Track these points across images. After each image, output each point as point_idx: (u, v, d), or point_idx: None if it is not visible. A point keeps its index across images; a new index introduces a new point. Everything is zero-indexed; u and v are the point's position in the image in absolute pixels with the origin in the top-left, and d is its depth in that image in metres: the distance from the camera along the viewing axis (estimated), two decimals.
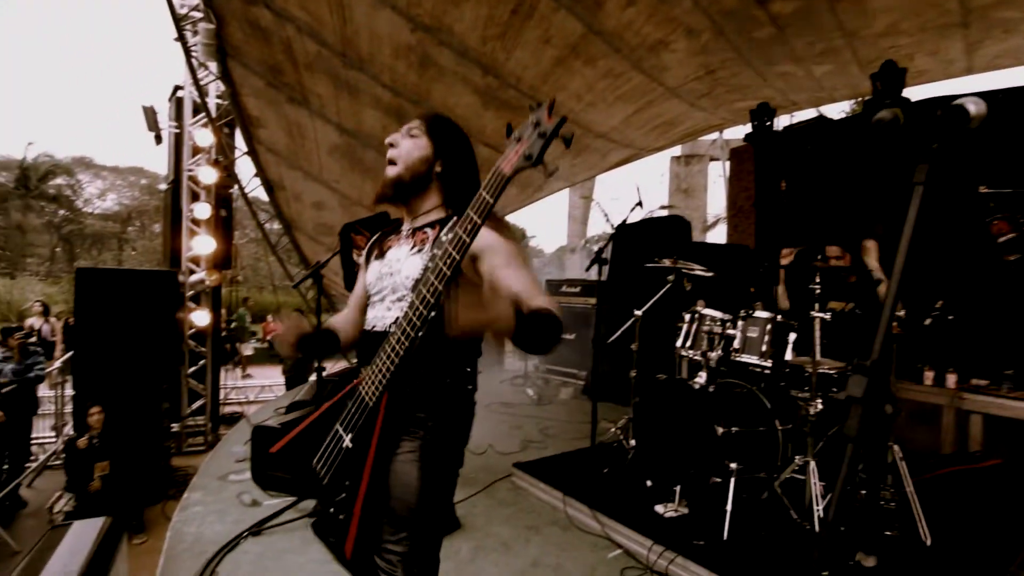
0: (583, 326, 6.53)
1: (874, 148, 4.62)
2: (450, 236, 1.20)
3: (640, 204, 3.56)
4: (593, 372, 5.88)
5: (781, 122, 7.25)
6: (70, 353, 5.47)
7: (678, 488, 2.85)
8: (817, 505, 2.39)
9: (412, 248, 1.44)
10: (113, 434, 4.58)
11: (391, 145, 1.49)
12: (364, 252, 1.64)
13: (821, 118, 5.70)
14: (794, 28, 4.68)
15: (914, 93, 4.91)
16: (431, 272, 1.21)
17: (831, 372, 2.83)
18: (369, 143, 7.04)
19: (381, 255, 1.51)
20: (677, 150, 16.81)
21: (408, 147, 1.45)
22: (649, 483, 3.03)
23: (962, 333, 3.57)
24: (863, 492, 2.70)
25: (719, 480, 2.73)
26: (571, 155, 7.44)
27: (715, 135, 10.66)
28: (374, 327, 1.45)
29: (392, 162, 1.47)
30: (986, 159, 3.69)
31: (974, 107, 0.87)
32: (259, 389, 9.65)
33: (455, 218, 1.34)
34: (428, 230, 1.44)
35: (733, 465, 2.66)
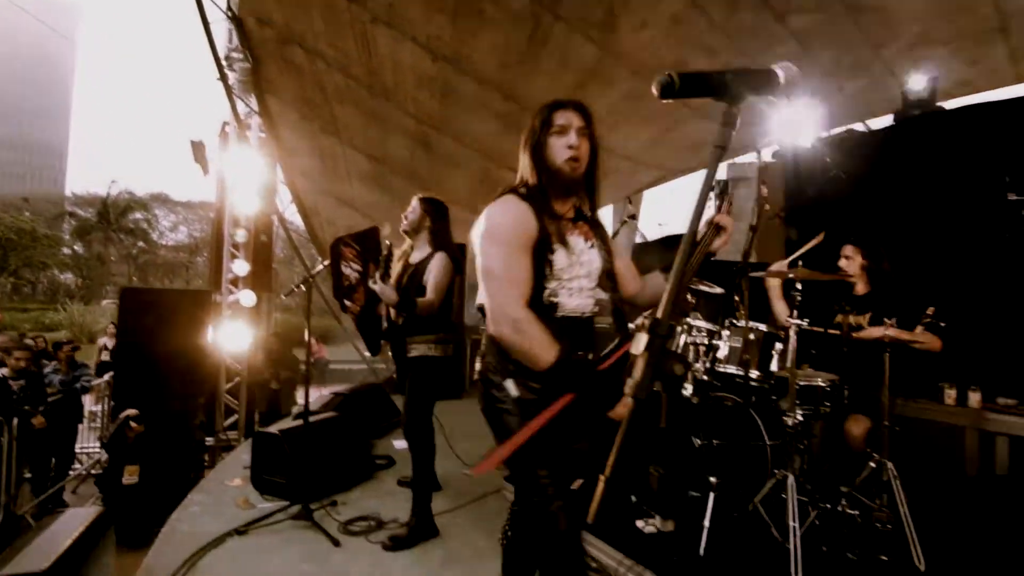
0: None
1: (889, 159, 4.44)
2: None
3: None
4: None
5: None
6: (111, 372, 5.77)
7: (659, 503, 2.76)
8: (794, 521, 2.26)
9: (587, 241, 1.56)
10: (146, 443, 4.82)
11: (573, 147, 1.49)
12: (542, 234, 1.48)
13: (849, 131, 5.53)
14: (818, 42, 4.53)
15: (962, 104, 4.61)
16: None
17: (823, 384, 2.70)
18: (396, 170, 7.29)
19: (563, 241, 1.49)
20: (722, 173, 16.48)
21: (584, 150, 1.51)
22: (634, 498, 2.94)
23: (987, 348, 3.32)
24: (857, 512, 2.55)
25: (698, 495, 2.63)
26: None
27: (753, 156, 10.40)
28: (583, 314, 1.54)
29: (575, 160, 1.49)
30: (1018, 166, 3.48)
31: (783, 72, 0.87)
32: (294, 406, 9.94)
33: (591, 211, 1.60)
34: (581, 222, 1.57)
35: (713, 479, 2.56)
